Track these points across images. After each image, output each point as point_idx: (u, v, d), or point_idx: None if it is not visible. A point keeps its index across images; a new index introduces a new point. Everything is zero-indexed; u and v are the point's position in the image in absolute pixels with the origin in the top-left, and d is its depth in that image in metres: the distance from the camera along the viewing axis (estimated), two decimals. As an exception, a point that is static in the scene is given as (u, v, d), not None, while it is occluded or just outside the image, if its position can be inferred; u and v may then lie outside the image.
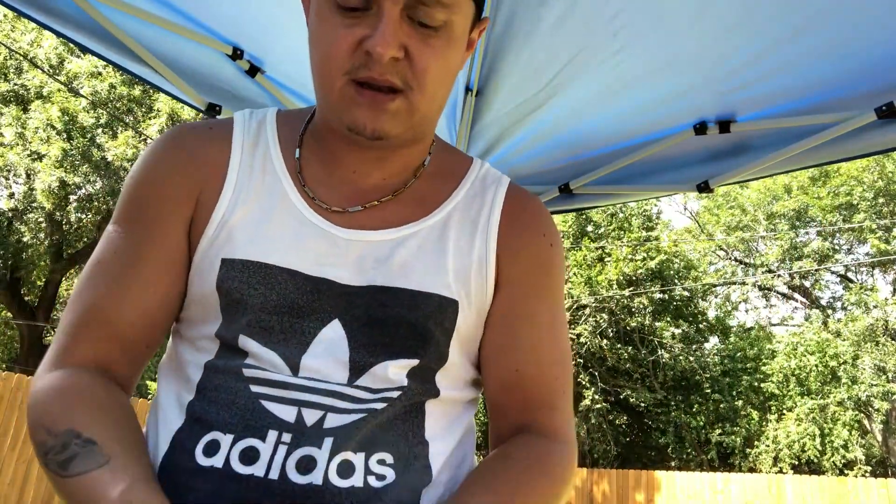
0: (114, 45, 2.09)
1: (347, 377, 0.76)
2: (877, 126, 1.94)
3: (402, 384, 0.78)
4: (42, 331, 14.41)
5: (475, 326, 0.84)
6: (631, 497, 11.54)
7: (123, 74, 12.79)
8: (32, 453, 6.70)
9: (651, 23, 1.81)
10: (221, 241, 0.79)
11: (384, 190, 0.85)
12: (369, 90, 0.74)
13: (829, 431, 13.61)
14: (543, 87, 2.13)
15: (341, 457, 0.71)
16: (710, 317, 17.77)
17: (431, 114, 0.81)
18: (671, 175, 2.48)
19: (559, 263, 0.90)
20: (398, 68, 0.73)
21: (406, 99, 0.75)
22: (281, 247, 0.78)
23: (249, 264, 0.77)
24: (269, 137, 0.87)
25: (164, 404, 0.79)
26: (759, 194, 18.50)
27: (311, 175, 0.84)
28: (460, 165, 0.92)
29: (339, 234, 0.80)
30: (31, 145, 12.32)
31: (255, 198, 0.81)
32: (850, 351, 14.26)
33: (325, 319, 0.77)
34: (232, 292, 0.77)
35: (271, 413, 0.73)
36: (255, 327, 0.76)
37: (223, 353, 0.78)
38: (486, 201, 0.88)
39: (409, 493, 0.74)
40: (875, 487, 10.14)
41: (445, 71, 0.77)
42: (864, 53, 1.80)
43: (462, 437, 0.85)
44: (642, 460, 15.67)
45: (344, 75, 0.74)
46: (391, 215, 0.83)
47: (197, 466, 0.71)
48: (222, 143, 0.85)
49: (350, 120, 0.75)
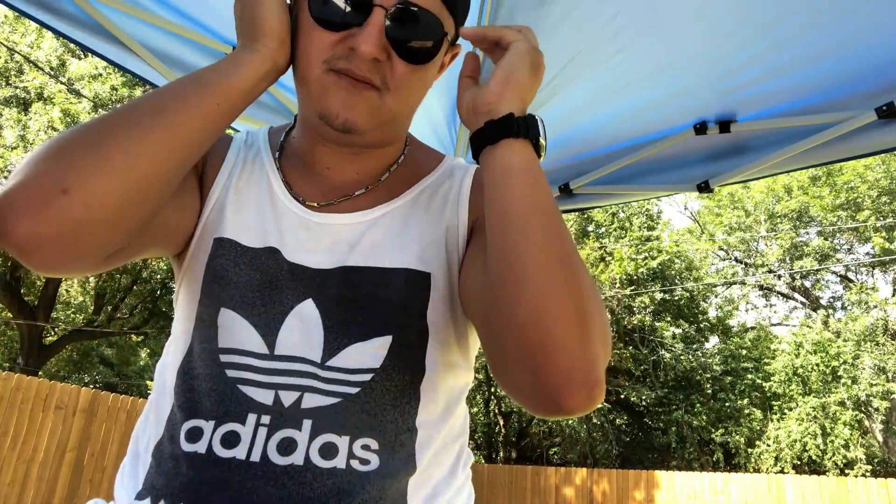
0: (114, 45, 2.09)
1: (321, 356, 0.77)
2: (877, 126, 1.94)
3: (375, 366, 0.78)
4: (42, 331, 14.42)
5: (453, 298, 0.83)
6: (631, 497, 11.53)
7: (124, 76, 12.80)
8: (32, 453, 6.72)
9: (651, 23, 1.81)
10: (214, 220, 0.84)
11: (358, 184, 0.88)
12: (347, 78, 0.76)
13: (831, 431, 13.61)
14: (543, 87, 2.13)
15: (324, 439, 0.73)
16: (710, 316, 17.78)
17: (401, 118, 0.85)
18: (671, 175, 2.48)
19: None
20: (378, 68, 0.76)
21: (379, 96, 0.77)
22: (265, 231, 0.83)
23: (237, 246, 0.82)
24: (260, 143, 0.93)
25: (156, 391, 0.83)
26: (762, 195, 18.49)
27: (290, 172, 0.89)
28: (433, 159, 0.95)
29: (314, 218, 0.84)
30: (32, 146, 12.32)
31: (246, 186, 0.87)
32: (850, 350, 14.26)
33: (300, 297, 0.80)
34: (218, 269, 0.81)
35: (249, 397, 0.75)
36: (237, 301, 0.79)
37: (199, 333, 0.80)
38: (455, 181, 0.91)
39: (394, 482, 0.74)
40: (875, 487, 10.13)
41: (420, 82, 0.81)
42: (864, 53, 1.80)
43: (452, 425, 0.84)
44: (643, 460, 15.67)
45: (322, 63, 0.76)
46: (365, 203, 0.86)
47: (181, 452, 0.73)
48: (223, 140, 0.92)
49: (324, 107, 0.77)
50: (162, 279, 16.10)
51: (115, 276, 15.45)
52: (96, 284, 16.07)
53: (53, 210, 0.61)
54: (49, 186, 0.62)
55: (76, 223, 0.62)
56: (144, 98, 0.71)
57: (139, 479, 0.76)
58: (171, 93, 0.71)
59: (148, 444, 0.78)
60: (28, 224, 0.61)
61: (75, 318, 17.02)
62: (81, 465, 7.22)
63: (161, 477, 0.73)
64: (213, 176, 0.87)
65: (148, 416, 0.82)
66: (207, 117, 0.71)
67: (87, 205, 0.62)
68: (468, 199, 0.87)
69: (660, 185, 2.51)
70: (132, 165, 0.65)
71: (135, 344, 18.84)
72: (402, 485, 0.75)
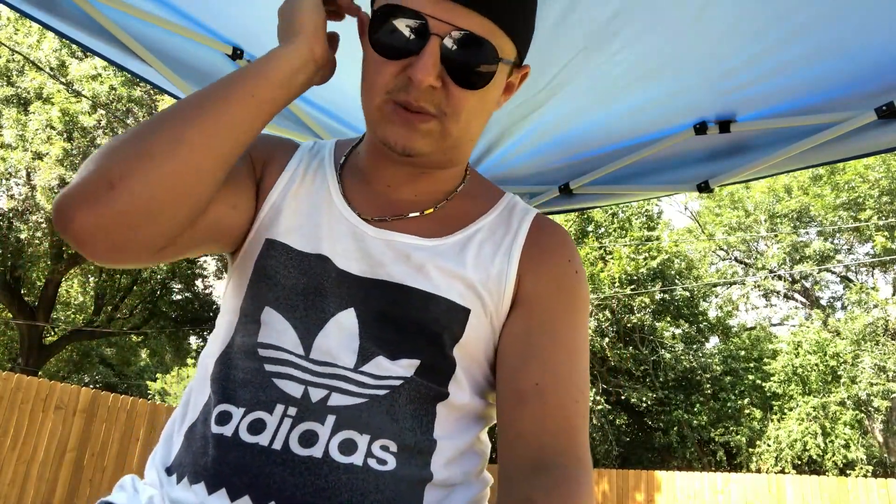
0: (114, 45, 2.09)
1: (355, 362, 0.80)
2: (877, 126, 1.94)
3: (406, 376, 0.80)
4: (42, 331, 14.42)
5: (486, 339, 0.85)
6: (631, 497, 11.54)
7: (123, 76, 12.80)
8: (32, 453, 6.72)
9: (651, 23, 1.81)
10: (268, 222, 0.87)
11: (414, 206, 0.90)
12: (405, 112, 0.79)
13: (831, 431, 13.61)
14: (543, 87, 2.13)
15: (344, 434, 0.75)
16: (710, 317, 17.78)
17: (463, 142, 0.86)
18: (671, 175, 2.48)
19: (583, 291, 0.90)
20: (434, 97, 0.78)
21: (439, 122, 0.80)
22: (318, 237, 0.85)
23: (288, 249, 0.85)
24: (325, 153, 0.97)
25: (197, 377, 0.87)
26: (762, 195, 18.49)
27: (350, 185, 0.92)
28: (492, 195, 0.97)
29: (368, 231, 0.86)
30: (31, 145, 12.32)
31: (305, 191, 0.90)
32: (850, 350, 14.25)
33: (343, 305, 0.82)
34: (267, 269, 0.84)
35: (281, 390, 0.78)
36: (281, 302, 0.83)
37: (242, 328, 0.84)
38: (511, 227, 0.92)
39: (409, 486, 0.75)
40: (875, 488, 10.13)
41: (480, 105, 0.82)
42: (864, 53, 1.80)
43: (472, 444, 0.85)
44: (643, 460, 15.67)
45: (385, 94, 0.80)
46: (417, 228, 0.88)
47: (210, 434, 0.77)
48: (288, 147, 0.96)
49: (383, 135, 0.81)
50: (162, 279, 16.11)
51: (114, 276, 15.45)
52: (96, 284, 16.07)
53: (102, 204, 0.68)
54: (99, 182, 0.69)
55: (122, 215, 0.69)
56: (191, 95, 0.77)
57: (171, 456, 0.80)
58: (213, 87, 0.77)
59: (182, 426, 0.82)
60: (81, 218, 0.68)
61: (75, 319, 17.02)
62: (81, 465, 7.22)
63: (189, 455, 0.77)
64: (273, 180, 0.90)
65: (187, 401, 0.85)
66: (244, 108, 0.76)
67: (132, 198, 0.69)
68: (520, 252, 0.88)
69: (660, 185, 2.51)
70: (173, 156, 0.71)
71: (135, 344, 18.82)
72: (417, 491, 0.76)
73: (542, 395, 0.80)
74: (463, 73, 0.78)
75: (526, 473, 0.75)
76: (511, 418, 0.80)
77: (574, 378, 0.83)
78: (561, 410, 0.80)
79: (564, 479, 0.74)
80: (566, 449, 0.77)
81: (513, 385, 0.82)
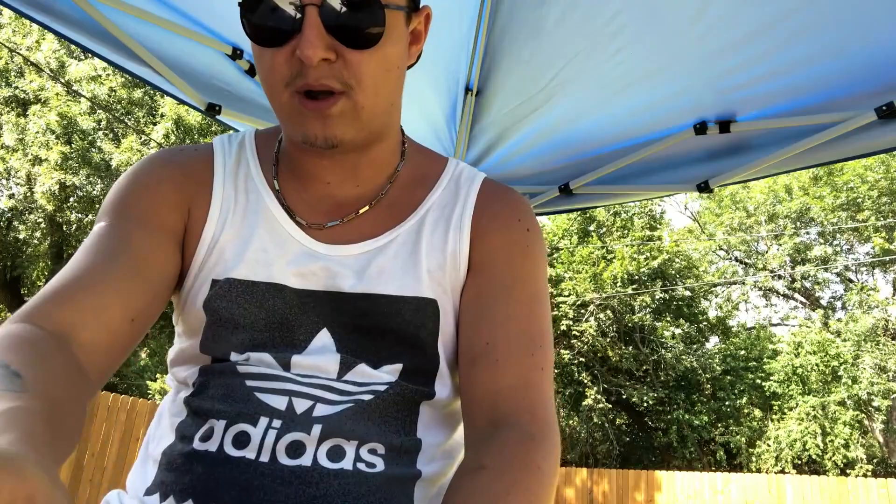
0: (114, 46, 2.09)
1: (338, 372, 0.78)
2: (877, 126, 1.94)
3: (391, 380, 0.79)
4: (42, 331, 14.40)
5: (456, 323, 0.84)
6: (631, 497, 11.53)
7: (123, 77, 12.79)
8: (33, 453, 6.71)
9: (651, 23, 1.81)
10: (212, 262, 0.81)
11: (360, 200, 0.86)
12: (312, 101, 0.73)
13: (831, 431, 13.62)
14: (543, 87, 2.13)
15: (332, 442, 0.74)
16: (710, 316, 17.78)
17: (380, 110, 0.79)
18: (671, 175, 2.48)
19: (536, 245, 0.87)
20: (333, 70, 0.73)
21: (349, 99, 0.74)
22: (267, 264, 0.80)
23: (238, 283, 0.79)
24: (248, 157, 0.89)
25: (169, 399, 0.84)
26: (763, 195, 18.48)
27: (289, 192, 0.85)
28: (435, 167, 0.93)
29: (320, 249, 0.82)
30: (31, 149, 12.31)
31: (241, 216, 0.83)
32: (850, 350, 14.26)
33: (314, 330, 0.79)
34: (221, 311, 0.79)
35: (263, 402, 0.75)
36: (247, 345, 0.78)
37: (216, 361, 0.81)
38: (459, 199, 0.89)
39: (399, 486, 0.75)
40: (875, 487, 10.13)
41: (384, 65, 0.76)
42: (864, 53, 1.80)
43: (457, 437, 0.85)
44: (644, 460, 15.67)
45: (286, 87, 0.74)
46: (368, 226, 0.84)
47: (194, 451, 0.74)
48: (206, 162, 0.87)
49: (301, 133, 0.76)
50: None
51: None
52: (96, 284, 16.04)
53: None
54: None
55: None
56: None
57: (148, 477, 0.77)
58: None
59: (159, 446, 0.79)
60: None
61: (75, 319, 16.99)
62: (81, 465, 7.22)
63: (171, 474, 0.74)
64: (205, 211, 0.83)
65: (160, 419, 0.83)
66: None
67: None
68: (470, 223, 0.86)
69: (660, 185, 2.51)
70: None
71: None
72: (407, 489, 0.76)
73: (493, 352, 0.78)
74: (352, 35, 0.72)
75: (483, 437, 0.73)
76: (465, 383, 0.79)
77: (531, 332, 0.80)
78: (515, 367, 0.77)
79: (518, 439, 0.71)
80: (521, 406, 0.75)
81: (466, 348, 0.80)
